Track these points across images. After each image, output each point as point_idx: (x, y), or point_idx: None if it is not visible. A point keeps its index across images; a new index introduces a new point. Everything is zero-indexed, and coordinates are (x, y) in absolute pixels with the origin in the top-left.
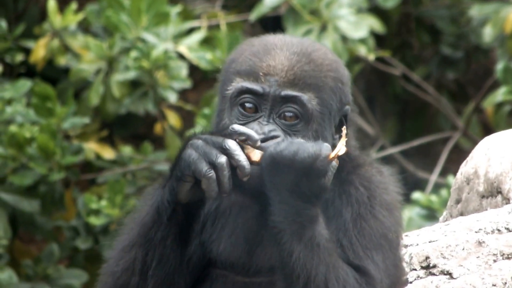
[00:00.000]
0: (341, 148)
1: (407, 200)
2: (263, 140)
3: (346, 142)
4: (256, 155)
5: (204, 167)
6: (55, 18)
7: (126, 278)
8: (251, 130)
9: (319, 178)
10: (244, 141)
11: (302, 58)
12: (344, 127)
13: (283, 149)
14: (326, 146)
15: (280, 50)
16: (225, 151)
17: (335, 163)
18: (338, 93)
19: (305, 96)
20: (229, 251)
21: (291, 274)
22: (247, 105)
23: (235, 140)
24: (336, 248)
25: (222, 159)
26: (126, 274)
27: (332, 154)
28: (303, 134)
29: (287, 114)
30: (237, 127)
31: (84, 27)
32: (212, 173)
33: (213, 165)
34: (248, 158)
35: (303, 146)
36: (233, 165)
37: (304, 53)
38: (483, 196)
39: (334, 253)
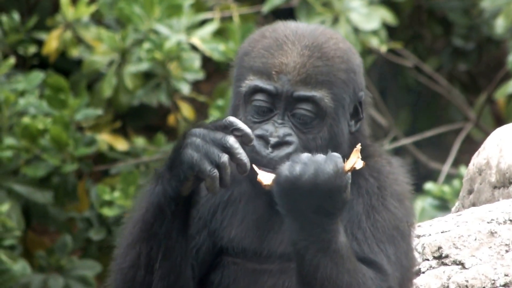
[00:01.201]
0: (357, 161)
1: (420, 190)
2: (276, 144)
3: (359, 130)
4: (267, 178)
5: (207, 167)
6: (68, 10)
7: (133, 273)
8: (247, 128)
9: (341, 195)
10: (239, 137)
11: (314, 52)
12: (359, 145)
13: (301, 174)
14: (339, 159)
15: (292, 44)
16: (226, 149)
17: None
18: (351, 85)
19: (317, 95)
20: (240, 237)
21: (314, 285)
22: (261, 103)
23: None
24: (352, 249)
25: (225, 158)
26: (133, 270)
27: (348, 167)
28: (318, 130)
29: (301, 113)
30: (234, 120)
31: (97, 19)
32: (216, 173)
33: (216, 165)
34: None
35: (320, 167)
36: (234, 162)
37: (316, 46)
38: (495, 187)
39: (353, 257)
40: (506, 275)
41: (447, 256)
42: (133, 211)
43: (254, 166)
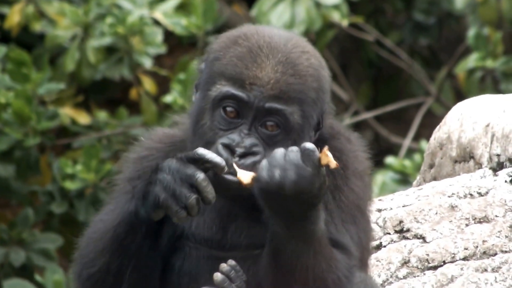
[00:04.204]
0: (330, 160)
1: (381, 164)
2: (242, 155)
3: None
4: (246, 177)
5: (174, 208)
6: None
7: (100, 277)
8: (218, 158)
9: (322, 188)
10: (210, 168)
11: (288, 69)
12: (326, 147)
13: (282, 181)
14: (315, 155)
15: (266, 58)
16: (195, 188)
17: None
18: (319, 103)
19: (288, 110)
20: (202, 228)
21: (292, 274)
22: (229, 109)
23: (203, 166)
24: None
25: (192, 199)
26: (101, 274)
27: (323, 162)
28: (282, 144)
29: (269, 124)
30: (202, 152)
31: None
32: (183, 213)
33: (184, 206)
34: (239, 181)
35: (300, 171)
36: (200, 196)
37: (289, 63)
38: (456, 161)
39: (328, 242)
40: (465, 249)
41: (408, 230)
42: (105, 210)
43: (234, 165)
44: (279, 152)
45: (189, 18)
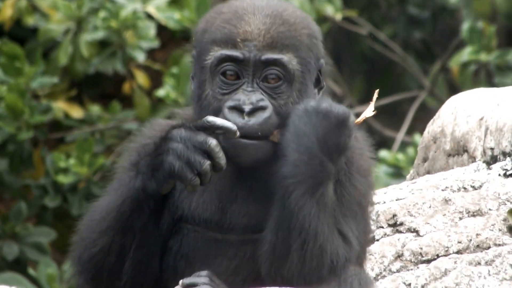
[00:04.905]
0: (366, 111)
1: (374, 158)
2: (251, 111)
3: (322, 98)
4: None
5: (188, 175)
6: None
7: (102, 258)
8: (229, 122)
9: (347, 135)
10: (222, 134)
11: (276, 19)
12: (377, 91)
13: (317, 105)
14: (350, 111)
15: (252, 15)
16: (208, 153)
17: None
18: (314, 50)
19: (285, 58)
20: (201, 209)
21: (292, 229)
22: (229, 73)
23: (214, 132)
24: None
25: (206, 165)
26: (102, 254)
27: (360, 119)
28: (287, 95)
29: (270, 77)
30: (212, 119)
31: None
32: (197, 181)
33: (198, 173)
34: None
35: (336, 104)
36: (212, 163)
37: (276, 15)
38: (449, 155)
39: (332, 215)
40: (459, 242)
41: (401, 224)
42: (106, 194)
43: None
44: None
45: (182, 12)
